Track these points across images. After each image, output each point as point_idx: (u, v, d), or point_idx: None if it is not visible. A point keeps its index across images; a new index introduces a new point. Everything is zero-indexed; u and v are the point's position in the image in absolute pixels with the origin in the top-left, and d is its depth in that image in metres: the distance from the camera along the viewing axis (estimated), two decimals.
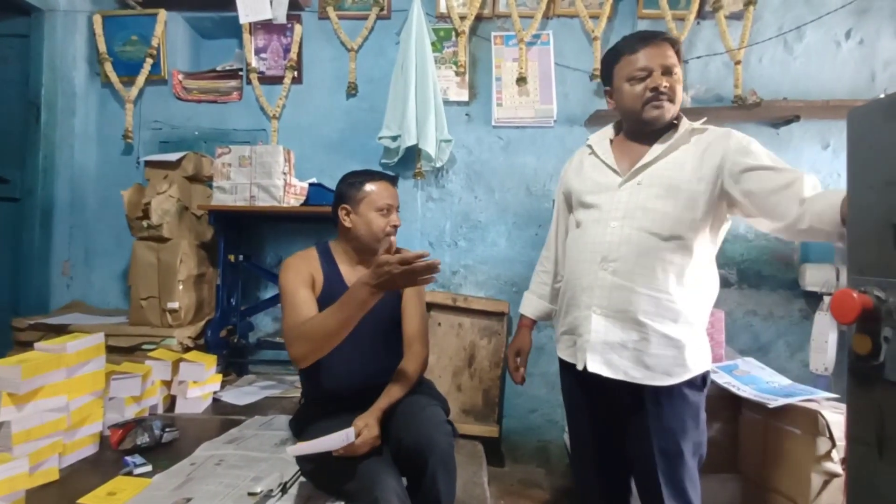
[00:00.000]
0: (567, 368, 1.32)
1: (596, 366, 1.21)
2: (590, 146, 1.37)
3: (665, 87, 1.19)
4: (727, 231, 1.27)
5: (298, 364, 1.32)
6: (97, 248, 2.56)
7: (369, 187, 1.46)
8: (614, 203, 1.23)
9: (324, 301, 1.41)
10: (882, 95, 2.39)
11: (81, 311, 2.37)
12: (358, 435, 1.22)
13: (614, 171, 1.27)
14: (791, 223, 1.05)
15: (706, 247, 1.21)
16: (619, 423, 1.25)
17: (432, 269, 1.18)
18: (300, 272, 1.42)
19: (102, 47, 2.51)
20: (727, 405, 1.85)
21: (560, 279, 1.43)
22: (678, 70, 1.22)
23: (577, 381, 1.28)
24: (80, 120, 2.54)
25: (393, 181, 1.53)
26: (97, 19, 2.51)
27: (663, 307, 1.17)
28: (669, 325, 1.17)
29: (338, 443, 1.20)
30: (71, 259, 2.53)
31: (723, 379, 1.87)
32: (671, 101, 1.21)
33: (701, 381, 1.21)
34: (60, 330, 2.03)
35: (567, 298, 1.32)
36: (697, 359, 1.20)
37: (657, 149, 1.22)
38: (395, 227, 1.48)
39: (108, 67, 2.52)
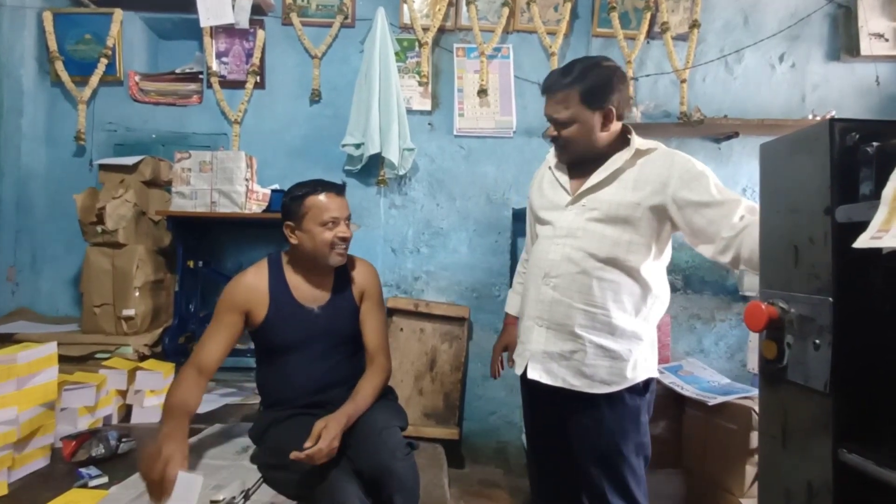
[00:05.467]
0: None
1: (536, 374, 1.28)
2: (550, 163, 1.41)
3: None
4: (674, 240, 1.33)
5: None
6: (45, 253, 2.46)
7: (311, 201, 1.40)
8: (561, 222, 1.29)
9: (272, 320, 1.42)
10: (810, 116, 2.57)
11: (28, 319, 2.28)
12: (318, 437, 1.21)
13: (566, 190, 1.32)
14: (719, 252, 1.16)
15: (649, 264, 1.25)
16: (563, 425, 1.31)
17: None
18: (234, 302, 1.41)
19: (53, 45, 2.43)
20: (672, 404, 1.98)
21: None
22: (568, 116, 1.23)
23: (526, 385, 1.35)
24: (28, 120, 2.44)
25: (339, 190, 1.45)
26: (47, 16, 2.43)
27: (599, 321, 1.24)
28: (606, 338, 1.24)
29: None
30: (17, 264, 2.43)
31: (668, 379, 1.99)
32: (563, 146, 1.28)
33: (643, 387, 1.28)
34: (5, 339, 1.95)
35: (522, 308, 1.40)
36: (639, 369, 1.26)
37: (602, 173, 1.26)
38: (344, 238, 1.42)
39: (59, 66, 2.43)
